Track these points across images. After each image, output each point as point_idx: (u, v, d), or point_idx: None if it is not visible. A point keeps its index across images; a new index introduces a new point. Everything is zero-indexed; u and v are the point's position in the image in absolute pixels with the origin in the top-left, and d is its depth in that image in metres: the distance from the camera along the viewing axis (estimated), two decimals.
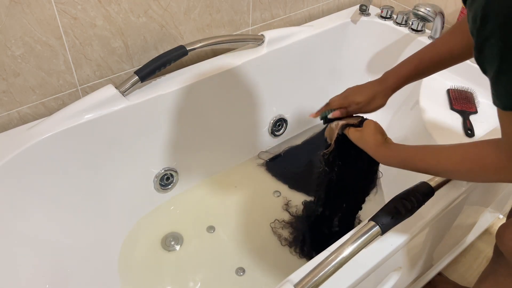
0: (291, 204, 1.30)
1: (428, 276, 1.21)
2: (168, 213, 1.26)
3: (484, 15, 0.49)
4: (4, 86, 0.95)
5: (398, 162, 0.76)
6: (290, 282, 0.68)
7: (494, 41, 0.49)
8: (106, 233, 1.14)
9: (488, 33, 0.50)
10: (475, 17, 0.51)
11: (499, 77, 0.51)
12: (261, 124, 1.42)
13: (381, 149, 0.80)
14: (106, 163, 1.10)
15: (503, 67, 0.50)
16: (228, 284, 1.11)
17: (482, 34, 0.51)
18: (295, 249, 1.18)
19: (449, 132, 1.08)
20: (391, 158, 0.78)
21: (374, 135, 0.82)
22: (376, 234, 0.70)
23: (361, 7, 1.44)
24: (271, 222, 1.25)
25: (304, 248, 1.17)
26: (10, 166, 0.91)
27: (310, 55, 1.39)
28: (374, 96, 0.89)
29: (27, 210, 0.95)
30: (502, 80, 0.51)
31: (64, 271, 0.98)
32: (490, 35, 0.50)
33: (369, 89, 0.90)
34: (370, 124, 0.85)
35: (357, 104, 0.90)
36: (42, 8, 0.91)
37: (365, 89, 0.91)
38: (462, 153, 0.66)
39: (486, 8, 0.49)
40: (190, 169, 1.30)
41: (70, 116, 0.99)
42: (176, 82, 1.13)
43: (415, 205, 0.74)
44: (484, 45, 0.51)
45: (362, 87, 0.92)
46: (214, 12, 1.20)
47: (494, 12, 0.48)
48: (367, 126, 0.85)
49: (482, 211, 1.19)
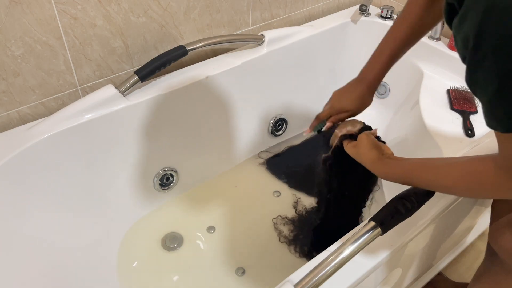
0: (300, 202, 1.30)
1: (428, 276, 1.21)
2: (168, 213, 1.26)
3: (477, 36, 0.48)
4: (4, 86, 0.95)
5: (396, 178, 0.76)
6: (290, 282, 0.68)
7: (488, 64, 0.48)
8: (106, 233, 1.14)
9: (481, 55, 0.48)
10: (465, 39, 0.50)
11: (497, 100, 0.50)
12: (261, 124, 1.42)
13: (377, 165, 0.79)
14: (106, 163, 1.10)
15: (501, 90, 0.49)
16: (228, 284, 1.11)
17: (475, 57, 0.49)
18: (294, 248, 1.18)
19: (449, 132, 1.08)
20: (389, 174, 0.78)
21: (369, 151, 0.81)
22: (376, 234, 0.70)
23: (361, 7, 1.44)
24: (274, 218, 1.25)
25: (303, 248, 1.17)
26: (10, 166, 0.91)
27: (310, 55, 1.39)
28: (362, 99, 0.90)
29: (27, 210, 0.95)
30: (501, 103, 0.50)
31: (64, 271, 0.98)
32: (484, 58, 0.48)
33: (354, 93, 0.91)
34: (363, 140, 0.84)
35: (347, 111, 0.91)
36: (42, 8, 0.91)
37: (350, 94, 0.91)
38: (460, 169, 0.65)
39: (479, 30, 0.47)
40: (190, 169, 1.30)
41: (70, 116, 0.99)
42: (176, 82, 1.13)
43: (415, 205, 0.73)
44: (477, 68, 0.50)
45: (346, 92, 0.92)
46: (214, 12, 1.20)
47: (488, 34, 0.46)
48: (361, 142, 0.84)
49: (482, 211, 1.19)
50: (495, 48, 0.47)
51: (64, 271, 0.98)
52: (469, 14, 0.48)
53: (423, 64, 1.32)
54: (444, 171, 0.68)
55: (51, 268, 0.95)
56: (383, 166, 0.78)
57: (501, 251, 0.81)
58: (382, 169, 0.78)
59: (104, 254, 1.12)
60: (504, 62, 0.47)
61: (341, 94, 0.93)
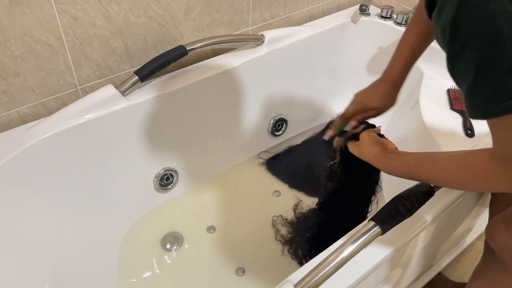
0: (301, 205, 1.30)
1: (428, 276, 1.21)
2: (168, 213, 1.26)
3: (453, 27, 0.49)
4: (4, 86, 0.95)
5: (400, 172, 0.76)
6: (290, 282, 0.68)
7: (467, 51, 0.49)
8: (106, 233, 1.14)
9: (459, 44, 0.49)
10: (443, 29, 0.51)
11: (476, 87, 0.51)
12: (261, 124, 1.42)
13: (381, 160, 0.79)
14: (106, 163, 1.10)
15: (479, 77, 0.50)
16: (228, 284, 1.11)
17: (453, 46, 0.51)
18: (288, 249, 1.18)
19: (449, 132, 1.08)
20: (394, 168, 0.77)
21: (372, 147, 0.81)
22: (376, 234, 0.70)
23: (361, 7, 1.44)
24: (275, 215, 1.25)
25: (298, 251, 1.16)
26: (10, 166, 0.91)
27: (310, 55, 1.39)
28: (388, 95, 0.88)
29: (27, 210, 0.95)
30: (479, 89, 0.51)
31: (64, 271, 0.98)
32: (462, 47, 0.49)
33: (379, 90, 0.88)
34: (365, 137, 0.84)
35: (373, 109, 0.89)
36: (42, 8, 0.91)
37: (375, 91, 0.89)
38: (456, 161, 0.65)
39: (455, 19, 0.48)
40: (190, 169, 1.30)
41: (70, 116, 0.99)
42: (176, 82, 1.13)
43: (415, 205, 0.73)
44: (456, 57, 0.51)
45: (371, 90, 0.90)
46: (214, 12, 1.20)
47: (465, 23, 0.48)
48: (363, 140, 0.84)
49: (482, 211, 1.19)
50: (471, 37, 0.48)
51: (64, 271, 0.98)
52: (446, 5, 0.50)
53: (423, 64, 1.32)
54: (442, 164, 0.68)
55: (51, 268, 0.95)
56: (387, 161, 0.78)
57: (498, 247, 0.82)
58: (386, 163, 0.78)
59: (104, 254, 1.12)
60: (480, 50, 0.48)
61: (365, 92, 0.90)
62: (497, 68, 0.48)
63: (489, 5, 0.45)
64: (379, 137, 0.84)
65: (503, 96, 0.49)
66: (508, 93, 0.49)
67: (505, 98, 0.49)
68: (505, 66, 0.47)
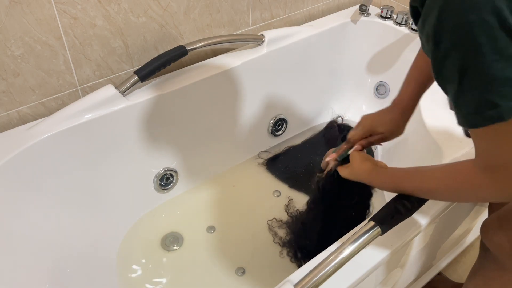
0: (291, 205, 1.30)
1: (428, 276, 1.21)
2: (168, 213, 1.26)
3: (436, 36, 0.49)
4: (4, 86, 0.95)
5: (391, 186, 0.76)
6: (290, 282, 0.68)
7: (450, 60, 0.49)
8: (106, 233, 1.14)
9: (443, 53, 0.50)
10: (427, 38, 0.51)
11: (459, 96, 0.51)
12: (261, 124, 1.42)
13: (373, 176, 0.79)
14: (106, 163, 1.10)
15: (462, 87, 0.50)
16: (228, 284, 1.11)
17: (438, 55, 0.51)
18: (287, 252, 1.17)
19: (449, 132, 1.08)
20: (385, 183, 0.78)
21: (363, 164, 0.81)
22: (376, 234, 0.70)
23: (361, 7, 1.44)
24: (269, 220, 1.25)
25: (297, 254, 1.16)
26: (10, 166, 0.91)
27: (310, 55, 1.39)
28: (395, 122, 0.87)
29: (27, 209, 0.95)
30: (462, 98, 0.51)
31: (63, 271, 0.98)
32: (445, 55, 0.49)
33: (387, 116, 0.87)
34: (355, 156, 0.84)
35: (379, 133, 0.88)
36: (42, 8, 0.91)
37: (383, 116, 0.88)
38: (442, 172, 0.66)
39: (436, 28, 0.49)
40: (190, 169, 1.30)
41: (70, 116, 0.99)
42: (176, 82, 1.13)
43: (415, 205, 0.74)
44: (441, 66, 0.51)
45: (379, 115, 0.89)
46: (214, 12, 1.20)
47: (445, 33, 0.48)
48: (353, 158, 0.84)
49: (482, 211, 1.19)
50: (452, 47, 0.48)
51: (63, 271, 0.98)
52: (429, 14, 0.50)
53: None
54: (428, 175, 0.69)
55: (50, 268, 0.95)
56: (379, 176, 0.79)
57: (492, 246, 0.82)
58: (378, 178, 0.79)
59: (104, 254, 1.12)
60: (460, 60, 0.48)
61: (373, 117, 0.89)
62: (477, 78, 0.48)
63: (468, 15, 0.45)
64: (369, 155, 0.85)
65: (483, 107, 0.49)
66: (487, 104, 0.49)
67: (484, 109, 0.49)
68: (484, 77, 0.47)
